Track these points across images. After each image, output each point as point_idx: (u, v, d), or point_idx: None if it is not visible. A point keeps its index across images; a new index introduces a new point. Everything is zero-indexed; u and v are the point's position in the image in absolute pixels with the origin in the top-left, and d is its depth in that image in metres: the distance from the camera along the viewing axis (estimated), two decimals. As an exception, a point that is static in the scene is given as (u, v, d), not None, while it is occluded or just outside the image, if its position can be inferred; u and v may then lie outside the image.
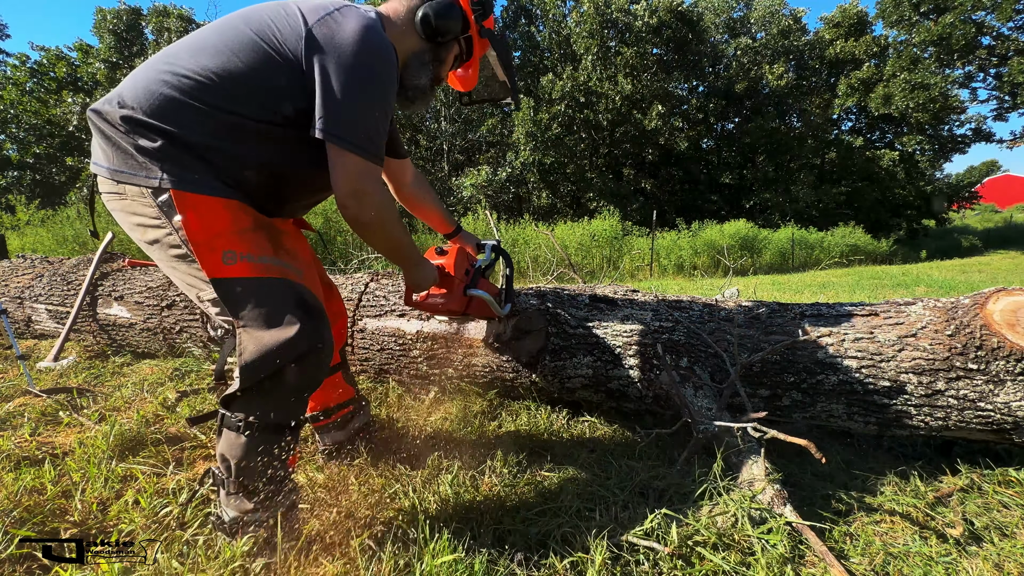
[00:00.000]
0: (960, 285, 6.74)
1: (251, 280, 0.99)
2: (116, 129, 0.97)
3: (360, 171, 1.02)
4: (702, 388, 1.59)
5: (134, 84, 0.99)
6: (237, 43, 1.00)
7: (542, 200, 18.66)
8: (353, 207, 1.04)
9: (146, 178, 0.96)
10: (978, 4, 19.19)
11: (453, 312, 1.47)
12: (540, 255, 8.14)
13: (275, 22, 1.02)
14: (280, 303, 1.01)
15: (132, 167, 0.97)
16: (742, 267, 12.42)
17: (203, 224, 0.95)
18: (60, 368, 2.54)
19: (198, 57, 0.99)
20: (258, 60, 0.99)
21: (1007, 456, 1.59)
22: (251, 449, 1.03)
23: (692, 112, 20.88)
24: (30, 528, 1.19)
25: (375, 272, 2.33)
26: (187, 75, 0.97)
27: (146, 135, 0.95)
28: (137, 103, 0.96)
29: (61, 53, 17.98)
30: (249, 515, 1.07)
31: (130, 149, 0.96)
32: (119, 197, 1.01)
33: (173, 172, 0.95)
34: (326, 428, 1.52)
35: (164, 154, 0.95)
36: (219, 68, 0.98)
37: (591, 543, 1.13)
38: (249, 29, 1.01)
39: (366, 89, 1.01)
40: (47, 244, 7.09)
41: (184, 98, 0.96)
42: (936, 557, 1.15)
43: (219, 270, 0.97)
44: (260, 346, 0.98)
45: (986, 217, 40.87)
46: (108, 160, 0.99)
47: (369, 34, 1.02)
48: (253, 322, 0.99)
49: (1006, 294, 1.34)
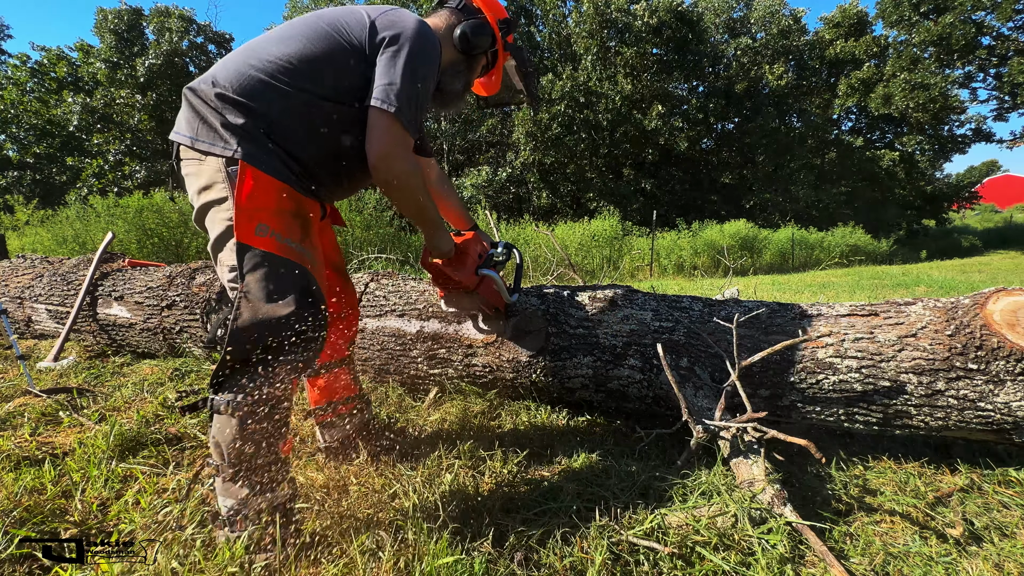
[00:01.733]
0: (960, 285, 6.74)
1: (270, 255, 1.08)
2: (207, 105, 1.11)
3: (395, 135, 1.14)
4: (702, 388, 1.59)
5: (225, 67, 1.14)
6: (312, 33, 1.17)
7: (542, 200, 18.65)
8: (384, 169, 1.15)
9: (223, 148, 1.09)
10: (978, 4, 19.19)
11: (463, 286, 1.54)
12: (540, 255, 8.14)
13: (343, 17, 1.21)
14: (286, 283, 1.09)
15: (213, 138, 1.11)
16: (742, 267, 12.41)
17: (252, 196, 1.07)
18: (60, 368, 2.54)
19: (280, 45, 1.15)
20: (329, 46, 1.16)
21: (1007, 456, 1.59)
22: (241, 431, 1.06)
23: (692, 112, 20.85)
24: (30, 528, 1.19)
25: (375, 272, 2.33)
26: (270, 60, 1.13)
27: (233, 112, 1.10)
28: (228, 83, 1.10)
29: (62, 53, 17.98)
30: (244, 503, 1.09)
31: (216, 124, 1.10)
32: (197, 163, 1.14)
33: (246, 147, 1.09)
34: (329, 424, 1.54)
35: (243, 131, 1.09)
36: (296, 53, 1.14)
37: (591, 543, 1.13)
38: (322, 22, 1.19)
39: (415, 70, 1.17)
40: (47, 244, 7.09)
41: (267, 78, 1.11)
42: (936, 557, 1.15)
43: (248, 237, 1.07)
44: (254, 315, 1.05)
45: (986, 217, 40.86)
46: (193, 131, 1.13)
47: (423, 27, 1.21)
48: (255, 292, 1.06)
49: (1006, 294, 1.34)
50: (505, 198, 18.22)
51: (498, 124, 19.37)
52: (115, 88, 17.06)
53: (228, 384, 1.07)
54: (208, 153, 1.11)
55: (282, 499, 1.13)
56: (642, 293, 1.92)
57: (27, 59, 17.63)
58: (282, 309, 1.06)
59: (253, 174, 1.07)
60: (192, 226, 7.27)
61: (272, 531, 1.09)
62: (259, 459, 1.09)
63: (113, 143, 16.71)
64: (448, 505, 1.25)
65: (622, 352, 1.74)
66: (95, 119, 16.80)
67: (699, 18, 20.54)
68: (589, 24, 18.50)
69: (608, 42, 18.96)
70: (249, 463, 1.08)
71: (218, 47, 19.89)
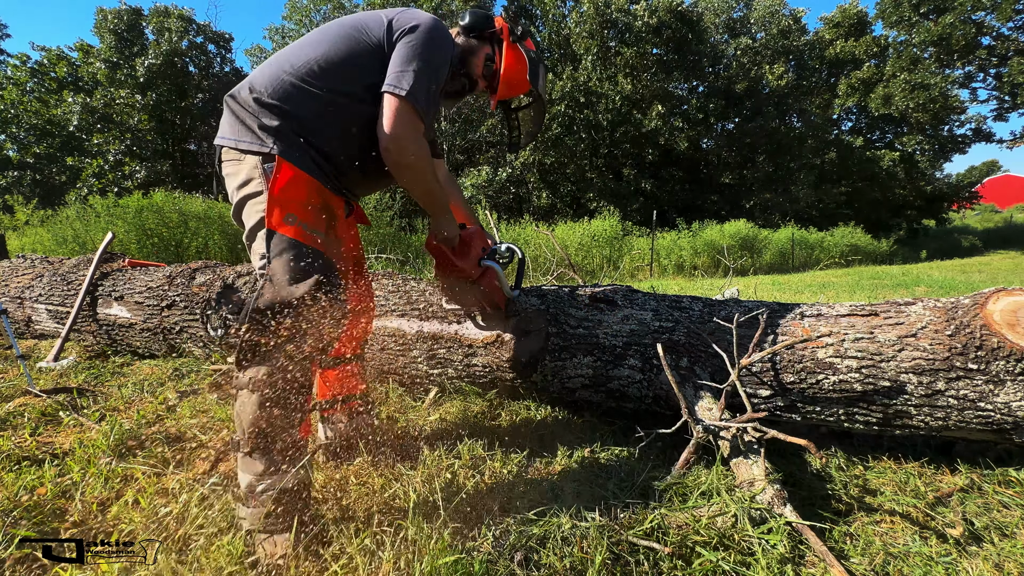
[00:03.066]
0: (960, 285, 6.74)
1: (296, 242, 1.17)
2: (245, 109, 1.22)
3: (406, 118, 1.20)
4: (702, 388, 1.59)
5: (262, 73, 1.24)
6: (336, 36, 1.27)
7: (542, 200, 18.63)
8: (394, 151, 1.22)
9: (260, 146, 1.19)
10: (978, 4, 19.18)
11: (465, 273, 1.57)
12: (540, 255, 8.14)
13: (364, 19, 1.30)
14: (308, 268, 1.17)
15: (251, 138, 1.21)
16: (742, 267, 12.41)
17: (285, 187, 1.17)
18: (60, 368, 2.54)
19: (306, 50, 1.25)
20: (351, 47, 1.25)
21: (1007, 456, 1.59)
22: (261, 408, 1.12)
23: (692, 112, 20.83)
24: (30, 528, 1.19)
25: (375, 272, 2.33)
26: (300, 64, 1.23)
27: (268, 115, 1.20)
28: (264, 88, 1.21)
29: (62, 53, 17.97)
30: (260, 479, 1.13)
31: (253, 126, 1.21)
32: (237, 163, 1.24)
33: (281, 145, 1.19)
34: (333, 419, 1.56)
35: (278, 131, 1.19)
36: (323, 56, 1.23)
37: (591, 543, 1.13)
38: (345, 26, 1.29)
39: (428, 58, 1.24)
40: (47, 244, 7.08)
41: (298, 82, 1.21)
42: (936, 557, 1.15)
43: (278, 225, 1.17)
44: (275, 295, 1.13)
45: (986, 217, 40.84)
46: (235, 134, 1.23)
47: (435, 22, 1.30)
48: (279, 275, 1.15)
49: (1006, 294, 1.34)
50: (505, 198, 18.21)
51: (498, 124, 19.35)
52: (115, 88, 17.05)
53: (251, 362, 1.14)
54: (247, 152, 1.21)
55: (296, 481, 1.16)
56: (642, 293, 1.92)
57: (27, 59, 17.62)
58: (300, 290, 1.13)
59: (287, 168, 1.17)
60: (192, 226, 7.27)
61: (283, 511, 1.12)
62: (276, 436, 1.14)
63: (113, 143, 16.70)
64: (448, 505, 1.25)
65: (622, 352, 1.74)
66: (95, 119, 16.78)
67: (699, 18, 20.53)
68: (589, 24, 18.49)
69: (608, 42, 18.95)
70: (267, 439, 1.13)
71: (218, 47, 19.87)
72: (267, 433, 1.13)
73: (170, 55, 17.42)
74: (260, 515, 1.11)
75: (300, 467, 1.18)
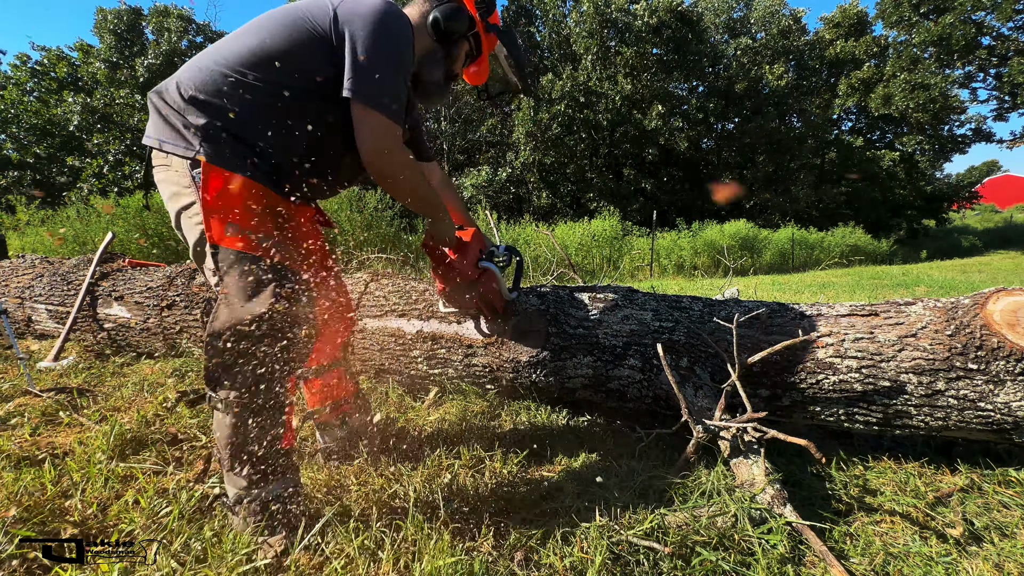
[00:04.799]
0: (960, 285, 6.74)
1: (244, 255, 1.07)
2: (170, 107, 1.10)
3: (383, 129, 1.11)
4: (702, 388, 1.59)
5: (189, 68, 1.13)
6: (273, 25, 1.13)
7: (542, 200, 18.63)
8: (377, 163, 1.14)
9: (185, 149, 1.08)
10: (978, 4, 19.18)
11: (464, 275, 1.55)
12: (540, 255, 8.14)
13: (307, 6, 1.15)
14: (262, 280, 1.08)
15: (176, 139, 1.09)
16: (742, 267, 12.41)
17: (219, 195, 1.06)
18: (60, 368, 2.54)
19: (241, 39, 1.12)
20: (291, 36, 1.11)
21: (1007, 456, 1.59)
22: (237, 428, 1.09)
23: (692, 112, 20.84)
24: (30, 528, 1.19)
25: (375, 272, 2.33)
26: (233, 54, 1.10)
27: (194, 111, 1.07)
28: (191, 82, 1.09)
29: (62, 53, 17.97)
30: (246, 491, 1.12)
31: (179, 125, 1.09)
32: (165, 168, 1.14)
33: (209, 147, 1.06)
34: (327, 425, 1.54)
35: (205, 131, 1.07)
36: (257, 45, 1.10)
37: (591, 543, 1.13)
38: (282, 14, 1.15)
39: (388, 54, 1.12)
40: (47, 244, 7.08)
41: (230, 72, 1.08)
42: (936, 557, 1.15)
43: (219, 238, 1.07)
44: (231, 316, 1.06)
45: (986, 217, 40.84)
46: (159, 133, 1.12)
47: (386, 7, 1.14)
48: (233, 292, 1.07)
49: (1006, 294, 1.34)
50: (505, 198, 18.21)
51: (498, 124, 19.36)
52: (115, 88, 17.05)
53: (221, 382, 1.09)
54: (172, 154, 1.10)
55: (282, 490, 1.15)
56: (642, 293, 1.91)
57: (27, 59, 17.62)
58: (259, 307, 1.06)
59: (217, 173, 1.05)
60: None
61: (274, 517, 1.12)
62: (257, 453, 1.12)
63: (113, 143, 16.70)
64: (448, 505, 1.25)
65: (622, 352, 1.74)
66: (95, 119, 16.78)
67: (699, 18, 20.53)
68: (589, 24, 18.49)
69: (608, 42, 18.95)
70: (247, 456, 1.11)
71: (218, 47, 19.86)
72: (246, 449, 1.11)
73: (170, 55, 17.42)
74: (251, 523, 1.12)
75: (285, 476, 1.17)
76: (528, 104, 17.51)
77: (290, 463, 1.19)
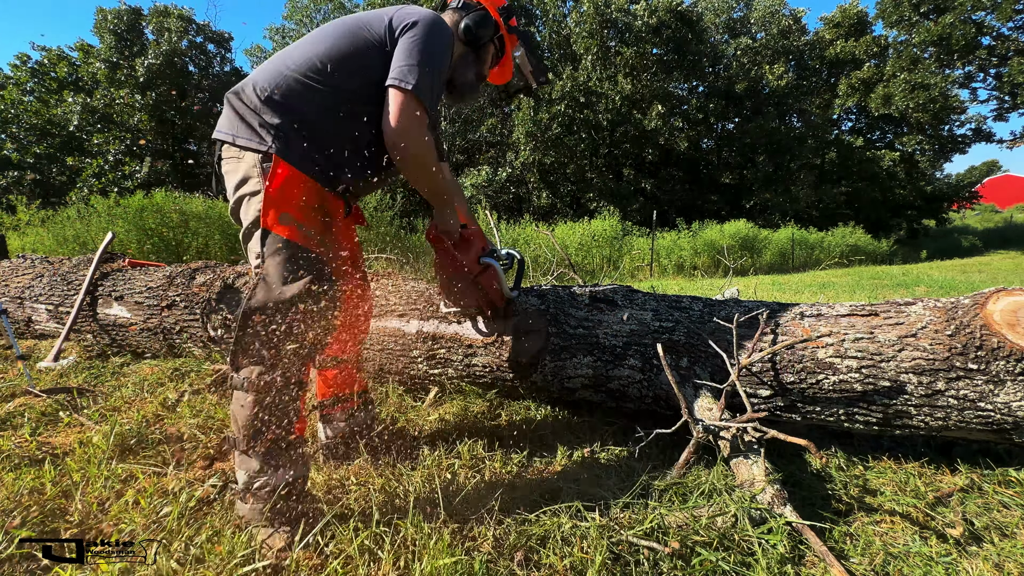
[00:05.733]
0: (960, 285, 6.74)
1: (291, 242, 1.18)
2: (247, 106, 1.22)
3: (412, 111, 1.20)
4: (702, 388, 1.59)
5: (264, 71, 1.25)
6: (337, 33, 1.28)
7: (542, 200, 18.62)
8: (400, 143, 1.22)
9: (259, 144, 1.19)
10: (978, 4, 19.17)
11: (466, 269, 1.58)
12: (540, 255, 8.14)
13: (364, 17, 1.31)
14: (301, 268, 1.17)
15: (250, 135, 1.21)
16: (742, 267, 12.41)
17: (281, 187, 1.17)
18: (60, 368, 2.54)
19: (308, 47, 1.26)
20: (353, 43, 1.26)
21: (1007, 456, 1.59)
22: (256, 408, 1.14)
23: (692, 112, 20.83)
24: (30, 528, 1.19)
25: (375, 272, 2.33)
26: (302, 60, 1.23)
27: (269, 112, 1.19)
28: (267, 84, 1.21)
29: (62, 53, 17.95)
30: (257, 476, 1.15)
31: (254, 123, 1.21)
32: (236, 160, 1.24)
33: (280, 144, 1.19)
34: (333, 419, 1.55)
35: (278, 129, 1.19)
36: (325, 52, 1.24)
37: (591, 543, 1.13)
38: (343, 24, 1.31)
39: (431, 55, 1.25)
40: (47, 244, 7.08)
41: (301, 77, 1.21)
42: (936, 557, 1.15)
43: (273, 224, 1.17)
44: (268, 295, 1.14)
45: (986, 217, 40.82)
46: (234, 130, 1.23)
47: (434, 17, 1.31)
48: (272, 275, 1.16)
49: (1006, 294, 1.34)
50: (505, 198, 18.21)
51: (498, 124, 19.36)
52: (115, 88, 17.04)
53: (245, 362, 1.15)
54: (246, 149, 1.21)
55: (292, 477, 1.18)
56: (642, 293, 1.91)
57: (27, 59, 17.61)
58: (293, 290, 1.14)
59: (284, 168, 1.17)
60: (193, 226, 7.27)
61: (281, 507, 1.14)
62: (271, 435, 1.15)
63: (113, 143, 16.69)
64: (448, 505, 1.25)
65: (622, 352, 1.74)
66: (95, 119, 16.77)
67: (699, 18, 20.52)
68: (589, 24, 18.49)
69: (608, 42, 18.95)
70: (262, 437, 1.15)
71: (217, 46, 19.86)
72: (262, 432, 1.15)
73: (170, 55, 17.41)
74: (258, 511, 1.14)
75: (296, 464, 1.19)
76: (528, 104, 17.50)
77: (300, 454, 1.22)
